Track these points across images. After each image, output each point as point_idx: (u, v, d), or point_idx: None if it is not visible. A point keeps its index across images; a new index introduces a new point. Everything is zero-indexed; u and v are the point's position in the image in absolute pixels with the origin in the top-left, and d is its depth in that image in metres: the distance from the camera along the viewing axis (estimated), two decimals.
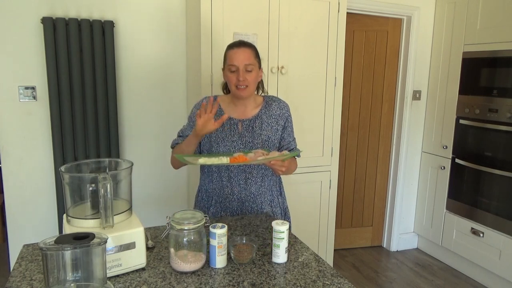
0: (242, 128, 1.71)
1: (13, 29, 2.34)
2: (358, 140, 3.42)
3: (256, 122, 1.72)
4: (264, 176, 1.75)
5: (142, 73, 2.65)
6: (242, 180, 1.72)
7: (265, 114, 1.74)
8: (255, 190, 1.74)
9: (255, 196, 1.75)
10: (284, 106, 1.78)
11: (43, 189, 2.52)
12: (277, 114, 1.75)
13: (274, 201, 1.81)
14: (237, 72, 1.63)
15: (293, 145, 1.80)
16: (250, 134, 1.70)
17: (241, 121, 1.71)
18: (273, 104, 1.76)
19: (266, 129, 1.72)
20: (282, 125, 1.75)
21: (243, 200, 1.73)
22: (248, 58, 1.63)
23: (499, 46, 2.77)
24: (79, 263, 0.97)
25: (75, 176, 1.26)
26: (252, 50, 1.66)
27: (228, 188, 1.72)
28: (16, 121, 2.42)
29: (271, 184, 1.80)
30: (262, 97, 1.79)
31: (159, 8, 2.62)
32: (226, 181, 1.72)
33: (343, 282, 1.20)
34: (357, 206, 3.53)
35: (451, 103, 3.18)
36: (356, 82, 3.31)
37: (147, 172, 2.75)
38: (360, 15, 3.12)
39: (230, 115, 1.71)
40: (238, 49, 1.64)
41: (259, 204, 1.76)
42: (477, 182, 2.99)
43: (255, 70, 1.65)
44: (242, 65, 1.62)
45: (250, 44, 1.69)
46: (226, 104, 1.74)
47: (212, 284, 1.17)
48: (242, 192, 1.73)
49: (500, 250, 2.79)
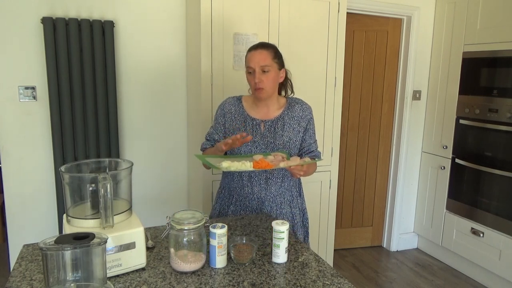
0: (264, 128, 1.73)
1: (13, 29, 2.34)
2: (358, 140, 3.42)
3: (278, 123, 1.73)
4: (284, 177, 1.77)
5: (142, 73, 2.65)
6: (263, 180, 1.74)
7: (287, 115, 1.75)
8: (275, 190, 1.76)
9: (275, 196, 1.77)
10: (307, 109, 1.79)
11: (43, 189, 2.52)
12: (299, 116, 1.76)
13: (294, 202, 1.83)
14: (253, 74, 1.66)
15: (314, 147, 1.81)
16: (272, 135, 1.72)
17: (263, 121, 1.74)
18: (296, 106, 1.78)
19: (288, 131, 1.73)
20: (304, 127, 1.77)
21: (263, 199, 1.75)
22: (264, 59, 1.65)
23: (499, 46, 2.77)
24: (79, 263, 0.96)
25: (75, 176, 1.26)
26: (269, 52, 1.67)
27: (248, 187, 1.74)
28: (16, 121, 2.42)
29: (290, 185, 1.81)
30: (285, 99, 1.81)
31: (159, 8, 2.63)
32: (247, 181, 1.74)
33: (343, 282, 1.20)
34: (357, 206, 3.53)
35: (451, 103, 3.18)
36: (356, 82, 3.31)
37: (147, 172, 2.75)
38: (360, 15, 3.12)
39: (252, 116, 1.74)
40: (255, 51, 1.67)
41: (278, 204, 1.78)
42: (477, 182, 2.99)
43: (272, 71, 1.67)
44: (258, 67, 1.64)
45: (269, 45, 1.70)
46: (249, 105, 1.77)
47: (212, 284, 1.17)
48: (262, 191, 1.75)
49: (500, 250, 2.79)
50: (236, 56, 2.43)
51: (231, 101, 1.79)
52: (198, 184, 2.57)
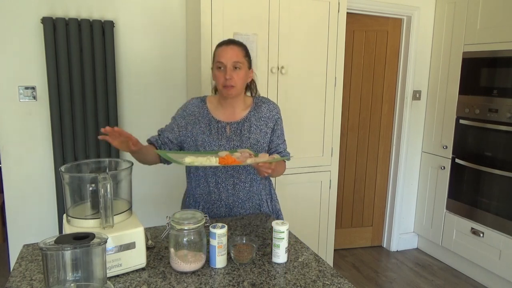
0: (230, 131, 1.65)
1: (13, 29, 2.34)
2: (358, 140, 3.42)
3: (244, 125, 1.66)
4: (253, 181, 1.70)
5: (142, 73, 2.65)
6: (230, 186, 1.67)
7: (254, 116, 1.68)
8: (243, 195, 1.69)
9: (243, 201, 1.70)
10: (274, 108, 1.72)
11: (43, 189, 2.52)
12: (266, 117, 1.69)
13: (263, 206, 1.76)
14: (224, 70, 1.58)
15: (282, 148, 1.74)
16: (238, 138, 1.64)
17: (229, 124, 1.66)
18: (263, 106, 1.71)
19: (255, 132, 1.66)
20: (272, 127, 1.70)
21: (231, 206, 1.69)
22: (237, 55, 1.58)
23: (499, 46, 2.77)
24: (79, 263, 0.96)
25: (75, 176, 1.26)
26: (241, 49, 1.62)
27: (215, 193, 1.67)
28: (16, 121, 2.42)
29: (260, 188, 1.74)
30: (251, 98, 1.74)
31: (159, 8, 2.62)
32: (213, 187, 1.67)
33: (343, 282, 1.20)
34: (357, 206, 3.53)
35: (451, 103, 3.18)
36: (356, 82, 3.31)
37: (147, 172, 2.74)
38: (360, 15, 3.12)
39: (217, 118, 1.66)
40: (227, 47, 1.60)
41: (247, 209, 1.72)
42: (477, 182, 2.99)
43: (243, 69, 1.61)
44: (230, 63, 1.57)
45: (240, 43, 1.65)
46: (214, 106, 1.69)
47: (212, 284, 1.17)
48: (230, 197, 1.68)
49: (500, 250, 2.79)
50: None
51: (194, 103, 1.70)
52: None
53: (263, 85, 2.53)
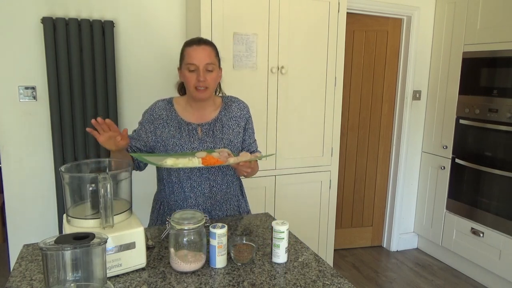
0: (201, 132, 1.60)
1: (13, 29, 2.34)
2: (358, 140, 3.42)
3: (216, 125, 1.61)
4: (229, 183, 1.67)
5: (142, 73, 2.65)
6: (207, 189, 1.61)
7: (225, 116, 1.64)
8: (220, 197, 1.65)
9: (221, 204, 1.66)
10: (244, 107, 1.69)
11: (43, 189, 2.52)
12: (237, 116, 1.66)
13: (241, 206, 1.74)
14: (196, 71, 1.51)
15: (254, 147, 1.71)
16: (211, 139, 1.59)
17: (200, 125, 1.60)
18: (233, 105, 1.66)
19: (228, 132, 1.62)
20: (243, 126, 1.66)
21: (209, 210, 1.63)
22: (209, 56, 1.52)
23: (499, 46, 2.77)
24: (79, 263, 0.96)
25: (75, 176, 1.26)
26: (212, 48, 1.56)
27: (191, 199, 1.61)
28: (16, 121, 2.42)
29: (235, 189, 1.71)
30: (220, 98, 1.69)
31: (159, 8, 2.63)
32: (189, 192, 1.60)
33: (343, 282, 1.20)
34: (357, 206, 3.53)
35: (451, 103, 3.18)
36: (356, 82, 3.31)
37: (147, 172, 2.74)
38: (360, 15, 3.12)
39: (187, 120, 1.60)
40: (198, 47, 1.52)
41: (225, 211, 1.68)
42: (477, 182, 2.99)
43: (215, 70, 1.55)
44: (203, 65, 1.50)
45: (211, 42, 1.58)
46: (182, 107, 1.62)
47: (212, 284, 1.17)
48: (207, 201, 1.62)
49: (500, 250, 2.79)
50: (236, 56, 2.43)
51: (161, 105, 1.62)
52: None
53: (263, 85, 2.53)
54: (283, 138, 2.64)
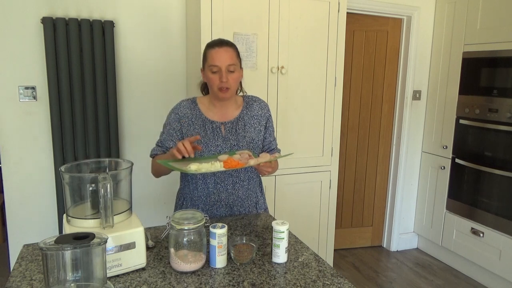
0: (225, 130, 1.65)
1: (13, 29, 2.34)
2: (358, 140, 3.42)
3: (239, 123, 1.67)
4: (250, 179, 1.72)
5: (142, 73, 2.65)
6: (230, 185, 1.67)
7: (246, 115, 1.69)
8: (242, 193, 1.70)
9: (243, 200, 1.71)
10: (265, 106, 1.74)
11: (43, 189, 2.52)
12: (259, 115, 1.71)
13: (259, 203, 1.79)
14: (219, 73, 1.55)
15: (274, 144, 1.77)
16: (234, 137, 1.65)
17: (223, 123, 1.65)
18: (254, 104, 1.72)
19: (250, 131, 1.67)
20: (264, 125, 1.72)
21: (231, 205, 1.69)
22: (231, 58, 1.57)
23: (499, 46, 2.77)
24: (79, 263, 0.96)
25: (75, 176, 1.26)
26: (234, 50, 1.60)
27: (215, 194, 1.66)
28: (16, 121, 2.42)
29: (255, 185, 1.76)
30: (241, 98, 1.74)
31: (159, 8, 2.63)
32: (213, 188, 1.66)
33: (343, 282, 1.20)
34: (357, 206, 3.53)
35: (451, 103, 3.18)
36: (356, 82, 3.31)
37: (147, 172, 2.74)
38: (360, 15, 3.12)
39: (211, 118, 1.65)
40: (220, 49, 1.56)
41: (246, 207, 1.73)
42: (477, 182, 2.99)
43: (237, 71, 1.59)
44: (225, 66, 1.55)
45: (231, 43, 1.63)
46: (205, 107, 1.68)
47: (212, 284, 1.17)
48: (229, 197, 1.68)
49: (500, 250, 2.79)
50: None
51: (186, 104, 1.67)
52: None
53: (263, 85, 2.53)
54: (283, 138, 2.64)
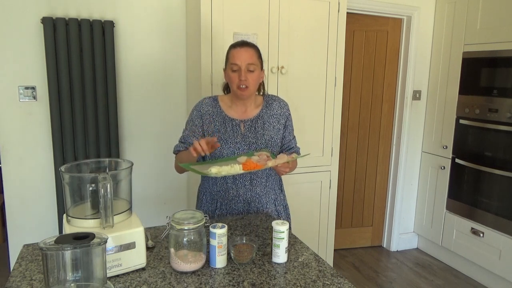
0: (244, 128, 1.70)
1: (13, 29, 2.34)
2: (358, 140, 3.42)
3: (258, 122, 1.71)
4: (269, 176, 1.76)
5: (142, 73, 2.65)
6: (248, 181, 1.71)
7: (266, 114, 1.73)
8: (260, 190, 1.74)
9: (260, 196, 1.75)
10: (285, 105, 1.79)
11: (43, 189, 2.52)
12: (278, 114, 1.75)
13: (278, 200, 1.82)
14: (238, 71, 1.62)
15: (294, 143, 1.81)
16: (253, 135, 1.69)
17: (242, 121, 1.70)
18: (274, 104, 1.76)
19: (269, 129, 1.71)
20: (283, 124, 1.76)
21: (248, 201, 1.73)
22: (251, 57, 1.62)
23: (499, 46, 2.77)
24: (79, 263, 0.96)
25: (75, 176, 1.26)
26: (255, 51, 1.66)
27: (233, 190, 1.71)
28: (16, 121, 2.42)
29: (274, 183, 1.80)
30: (261, 97, 1.79)
31: (159, 8, 2.63)
32: (231, 183, 1.70)
33: (343, 282, 1.20)
34: (357, 206, 3.53)
35: (451, 103, 3.18)
36: (356, 82, 3.31)
37: (147, 172, 2.75)
38: (360, 15, 3.12)
39: (231, 116, 1.70)
40: (241, 49, 1.63)
41: (264, 204, 1.76)
42: (477, 182, 2.99)
43: (257, 71, 1.65)
44: (245, 65, 1.61)
45: (253, 45, 1.68)
46: (226, 105, 1.73)
47: (212, 284, 1.17)
48: (247, 193, 1.72)
49: (500, 250, 2.79)
50: None
51: (207, 102, 1.73)
52: (198, 184, 2.57)
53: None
54: None
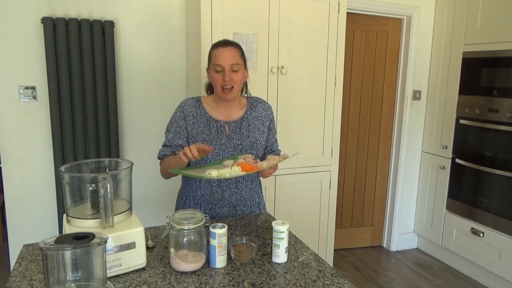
0: (229, 130, 1.66)
1: (13, 29, 2.34)
2: (358, 140, 3.42)
3: (243, 123, 1.68)
4: (253, 179, 1.74)
5: (142, 73, 2.65)
6: (233, 184, 1.68)
7: (251, 115, 1.71)
8: (245, 193, 1.72)
9: (246, 200, 1.72)
10: (269, 108, 1.77)
11: (43, 189, 2.52)
12: (262, 116, 1.73)
13: (261, 203, 1.80)
14: (222, 72, 1.57)
15: (276, 146, 1.81)
16: (238, 136, 1.66)
17: (227, 123, 1.67)
18: (258, 106, 1.74)
19: (254, 131, 1.69)
20: (268, 126, 1.74)
21: (234, 204, 1.70)
22: (234, 57, 1.58)
23: (499, 46, 2.77)
24: (79, 263, 0.96)
25: (75, 176, 1.26)
26: (238, 50, 1.61)
27: (218, 193, 1.67)
28: (16, 121, 2.42)
29: (257, 186, 1.79)
30: (246, 98, 1.75)
31: (159, 8, 2.63)
32: (216, 187, 1.66)
33: (343, 282, 1.20)
34: (357, 206, 3.53)
35: (451, 103, 3.18)
36: (356, 82, 3.31)
37: (147, 172, 2.75)
38: (360, 15, 3.12)
39: (215, 117, 1.67)
40: (224, 48, 1.59)
41: (249, 207, 1.74)
42: (477, 182, 2.99)
43: (241, 70, 1.60)
44: (228, 65, 1.57)
45: (236, 43, 1.64)
46: (210, 106, 1.69)
47: (212, 284, 1.17)
48: (232, 196, 1.69)
49: (500, 250, 2.79)
50: None
51: (190, 103, 1.68)
52: None
53: (263, 85, 2.53)
54: (283, 138, 2.63)
